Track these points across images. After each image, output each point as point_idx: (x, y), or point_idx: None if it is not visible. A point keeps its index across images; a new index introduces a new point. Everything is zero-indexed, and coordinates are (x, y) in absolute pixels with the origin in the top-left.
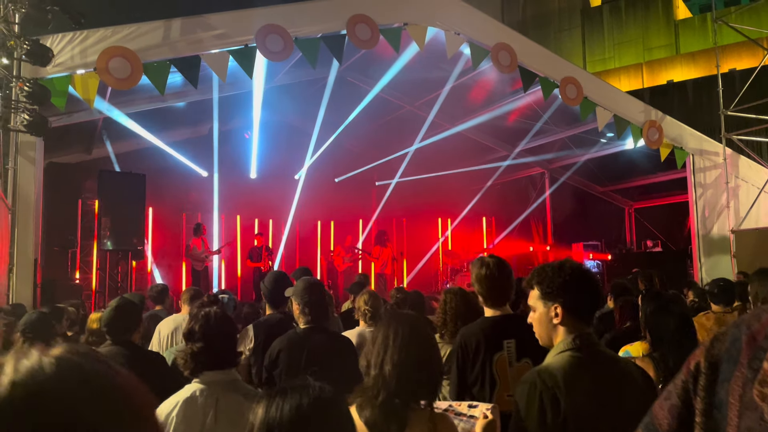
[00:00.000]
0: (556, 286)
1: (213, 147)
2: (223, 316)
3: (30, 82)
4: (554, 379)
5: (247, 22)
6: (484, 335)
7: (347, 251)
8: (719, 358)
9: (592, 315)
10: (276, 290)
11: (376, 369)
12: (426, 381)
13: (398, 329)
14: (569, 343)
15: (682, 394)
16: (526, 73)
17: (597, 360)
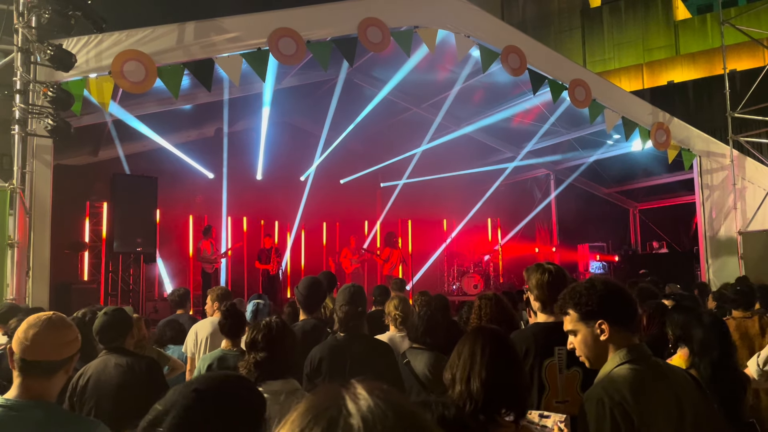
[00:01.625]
0: (595, 303)
1: (222, 149)
2: (284, 327)
3: (54, 87)
4: (621, 394)
5: (260, 26)
6: (535, 340)
7: (354, 253)
8: None
9: (635, 323)
10: (310, 296)
11: (462, 384)
12: (513, 396)
13: (485, 345)
14: (624, 356)
15: None
16: (535, 75)
17: (656, 371)
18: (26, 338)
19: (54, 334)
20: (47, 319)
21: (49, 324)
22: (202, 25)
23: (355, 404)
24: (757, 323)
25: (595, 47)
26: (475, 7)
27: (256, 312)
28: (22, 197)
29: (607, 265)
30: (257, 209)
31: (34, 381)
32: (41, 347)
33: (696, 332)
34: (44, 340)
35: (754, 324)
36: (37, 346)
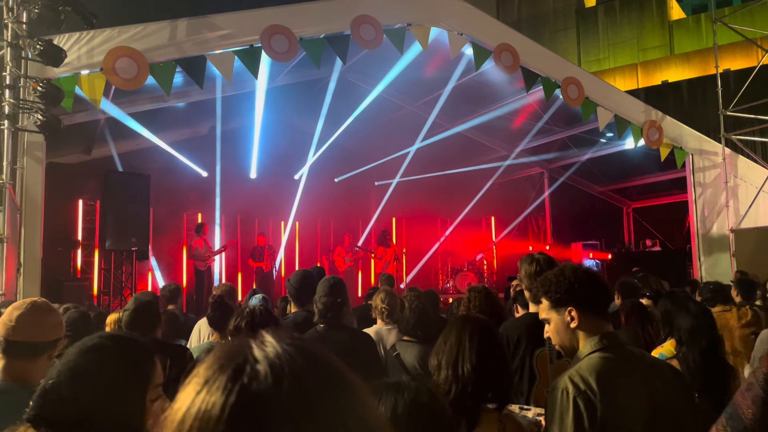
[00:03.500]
0: (564, 290)
1: (215, 147)
2: (268, 313)
3: (43, 82)
4: (587, 383)
5: (252, 23)
6: (526, 330)
7: (348, 251)
8: None
9: (606, 310)
10: (302, 288)
11: (449, 369)
12: (498, 383)
13: (474, 332)
14: (596, 344)
15: (765, 385)
16: (528, 73)
17: (628, 359)
18: (10, 319)
19: (38, 317)
20: (32, 303)
21: (33, 307)
22: (194, 22)
23: (263, 351)
24: (735, 315)
25: (590, 47)
26: (468, 5)
27: (264, 303)
28: (12, 193)
29: (600, 263)
30: (251, 207)
31: (17, 363)
32: (25, 328)
33: (684, 321)
34: (28, 322)
35: (732, 316)
36: (21, 326)
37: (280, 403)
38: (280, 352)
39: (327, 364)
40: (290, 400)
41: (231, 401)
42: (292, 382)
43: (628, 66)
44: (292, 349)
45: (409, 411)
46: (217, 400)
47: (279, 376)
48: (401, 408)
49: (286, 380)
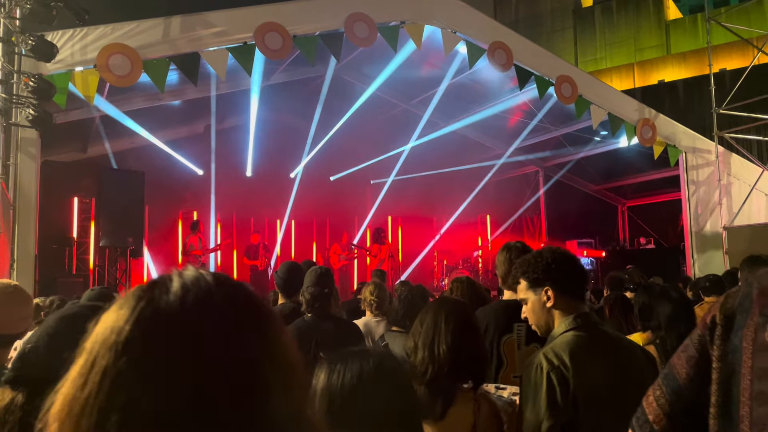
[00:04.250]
0: (541, 270)
1: (210, 145)
2: None
3: (35, 77)
4: (561, 359)
5: (246, 20)
6: (495, 317)
7: (344, 249)
8: (733, 311)
9: (582, 292)
10: (289, 279)
11: (426, 350)
12: (474, 364)
13: (449, 314)
14: (570, 323)
15: (699, 346)
16: (521, 71)
17: (600, 338)
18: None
19: (8, 309)
20: (9, 293)
21: (10, 298)
22: (188, 19)
23: (180, 276)
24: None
25: (587, 47)
26: (462, 3)
27: None
28: (5, 188)
29: (594, 260)
30: (247, 206)
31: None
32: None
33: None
34: (4, 314)
35: None
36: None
37: (185, 317)
38: (193, 275)
39: (242, 292)
40: (195, 316)
41: (137, 314)
42: (201, 299)
43: (624, 66)
44: (210, 276)
45: (374, 376)
46: (126, 313)
47: (187, 293)
48: (366, 374)
49: (193, 297)
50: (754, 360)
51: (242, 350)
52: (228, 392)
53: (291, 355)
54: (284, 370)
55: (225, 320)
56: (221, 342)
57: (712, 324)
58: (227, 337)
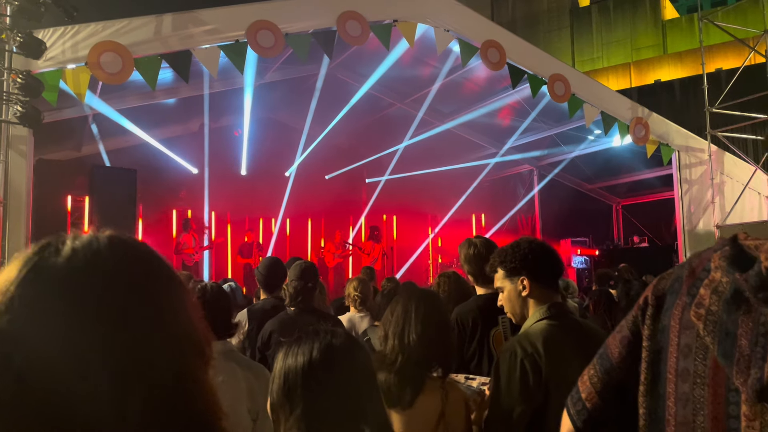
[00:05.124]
0: (518, 260)
1: (204, 144)
2: (219, 289)
3: (23, 73)
4: (534, 346)
5: (238, 18)
6: (480, 312)
7: (338, 247)
8: (664, 292)
9: (556, 282)
10: (270, 275)
11: (396, 339)
12: (442, 353)
13: (419, 303)
14: (544, 312)
15: (632, 326)
16: (514, 70)
17: (572, 327)
18: None
19: None
20: None
21: None
22: (179, 17)
23: (72, 239)
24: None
25: (584, 46)
26: (455, 2)
27: (233, 292)
28: None
29: (588, 259)
30: (241, 204)
31: None
32: None
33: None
34: None
35: None
36: None
37: (72, 276)
38: (90, 238)
39: (137, 255)
40: (80, 278)
41: (24, 273)
42: (89, 261)
43: (621, 65)
44: (105, 239)
45: (324, 354)
46: (15, 272)
47: (76, 254)
48: (316, 351)
49: (81, 258)
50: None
51: (128, 316)
52: (108, 360)
53: (187, 325)
54: (175, 340)
55: (112, 284)
56: (105, 307)
57: (645, 304)
58: (112, 302)
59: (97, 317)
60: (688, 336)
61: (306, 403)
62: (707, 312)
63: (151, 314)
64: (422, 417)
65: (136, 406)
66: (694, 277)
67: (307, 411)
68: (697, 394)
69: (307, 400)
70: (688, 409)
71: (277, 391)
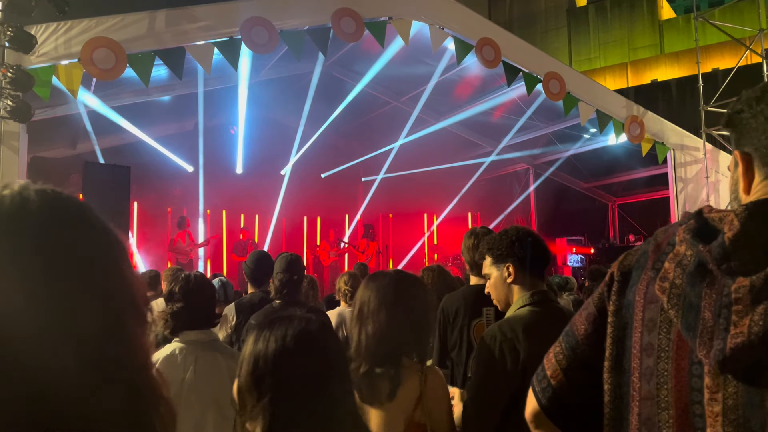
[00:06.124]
0: (505, 247)
1: (198, 142)
2: (202, 278)
3: (13, 68)
4: (514, 331)
5: (232, 15)
6: (465, 302)
7: (333, 245)
8: (630, 268)
9: (542, 270)
10: (258, 269)
11: (355, 341)
12: (411, 337)
13: (369, 295)
14: (527, 299)
15: (598, 303)
16: (509, 68)
17: (554, 314)
18: None
19: None
20: None
21: None
22: (173, 13)
23: (3, 186)
24: None
25: (581, 46)
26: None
27: (223, 287)
28: None
29: (584, 257)
30: (237, 202)
31: None
32: None
33: None
34: None
35: None
36: None
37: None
38: (23, 185)
39: (75, 203)
40: (11, 221)
41: None
42: (19, 204)
43: (618, 65)
44: (39, 188)
45: (297, 340)
46: None
47: (3, 199)
48: (289, 337)
49: (9, 203)
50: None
51: (55, 266)
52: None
53: (119, 280)
54: (104, 294)
55: (41, 233)
56: (32, 255)
57: (610, 280)
58: (39, 250)
59: (24, 265)
60: (652, 310)
61: (274, 390)
62: (671, 285)
63: (79, 266)
64: (400, 406)
65: (68, 357)
66: (659, 252)
67: (275, 399)
68: (660, 368)
69: (276, 387)
70: (652, 383)
71: (245, 376)
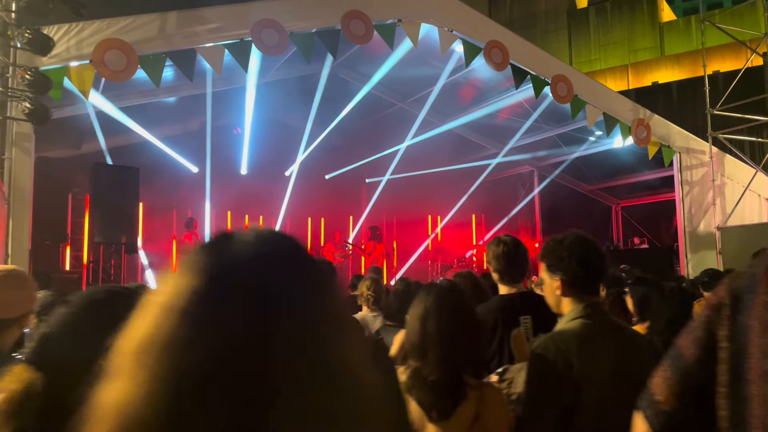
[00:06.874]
0: (556, 260)
1: (205, 142)
2: None
3: (31, 70)
4: (567, 344)
5: (242, 17)
6: (501, 312)
7: (338, 247)
8: (740, 291)
9: (594, 285)
10: None
11: (420, 353)
12: (473, 352)
13: (430, 310)
14: (580, 311)
15: (706, 326)
16: (517, 70)
17: (607, 327)
18: None
19: (9, 293)
20: (4, 277)
21: (5, 281)
22: (184, 14)
23: (238, 233)
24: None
25: (582, 48)
26: (459, 2)
27: None
28: (0, 184)
29: None
30: (241, 203)
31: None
32: (4, 306)
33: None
34: (6, 299)
35: None
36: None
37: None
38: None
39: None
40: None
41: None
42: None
43: (618, 67)
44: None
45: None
46: (188, 278)
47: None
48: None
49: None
50: (762, 338)
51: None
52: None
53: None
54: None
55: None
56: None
57: (719, 304)
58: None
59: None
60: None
61: None
62: None
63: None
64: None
65: None
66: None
67: None
68: None
69: None
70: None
71: None
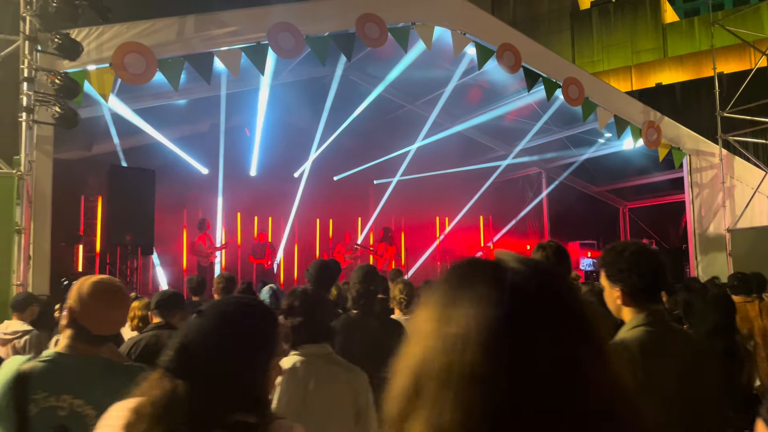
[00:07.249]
0: (616, 271)
1: (216, 144)
2: (320, 293)
3: (61, 74)
4: (631, 352)
5: (259, 20)
6: None
7: (348, 249)
8: None
9: (655, 294)
10: (320, 277)
11: None
12: None
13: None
14: (642, 319)
15: None
16: (530, 73)
17: (670, 335)
18: (84, 301)
19: (109, 312)
20: (106, 293)
21: (106, 299)
22: (202, 18)
23: (520, 261)
24: (757, 306)
25: (584, 49)
26: (472, 5)
27: (275, 295)
28: (28, 186)
29: (596, 261)
30: (251, 205)
31: (81, 344)
32: (93, 318)
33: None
34: (99, 314)
35: (754, 307)
36: (92, 314)
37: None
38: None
39: None
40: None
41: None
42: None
43: (622, 68)
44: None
45: None
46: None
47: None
48: None
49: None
50: None
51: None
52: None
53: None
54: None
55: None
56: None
57: None
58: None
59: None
60: None
61: None
62: None
63: None
64: None
65: None
66: None
67: None
68: None
69: None
70: None
71: None
